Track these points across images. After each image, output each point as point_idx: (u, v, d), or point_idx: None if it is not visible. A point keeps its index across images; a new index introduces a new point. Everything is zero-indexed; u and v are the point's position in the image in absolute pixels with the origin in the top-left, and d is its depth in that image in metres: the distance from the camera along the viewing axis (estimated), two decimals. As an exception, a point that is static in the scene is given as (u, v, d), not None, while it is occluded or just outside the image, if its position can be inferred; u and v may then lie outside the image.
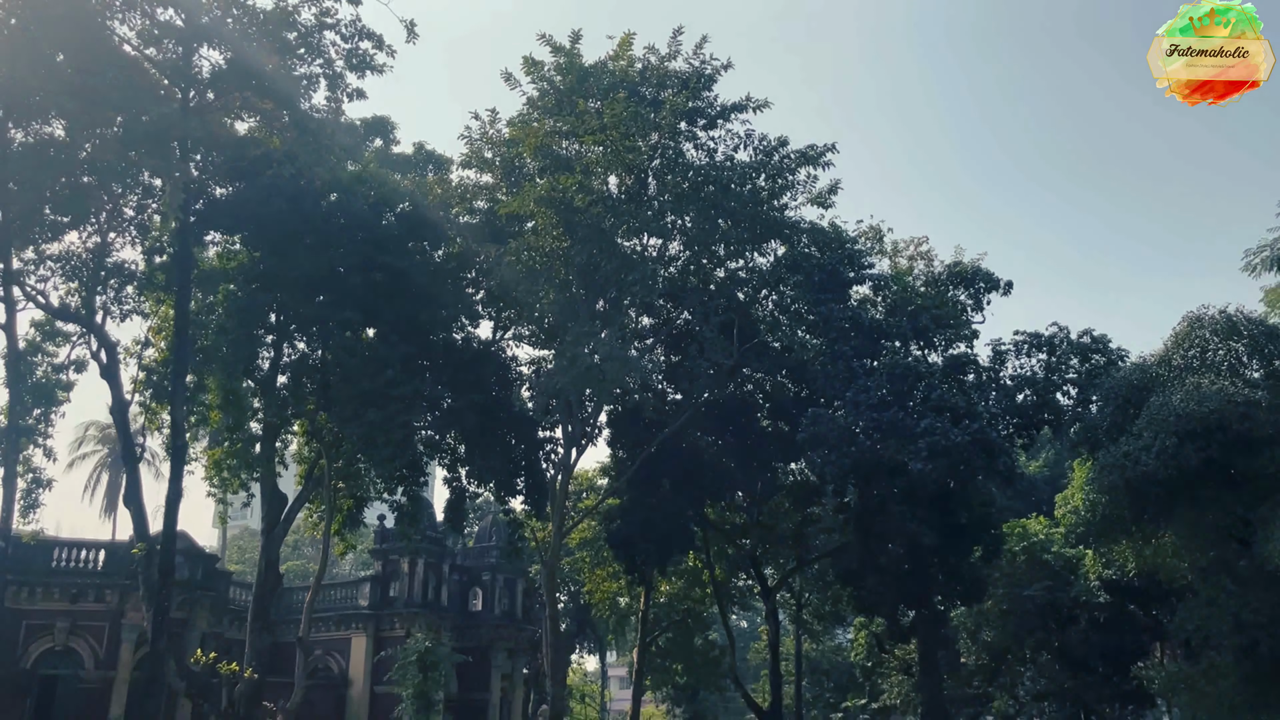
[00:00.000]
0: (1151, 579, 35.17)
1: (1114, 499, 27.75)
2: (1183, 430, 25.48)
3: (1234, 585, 26.61)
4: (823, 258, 31.09)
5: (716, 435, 35.01)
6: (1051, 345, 31.68)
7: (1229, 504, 26.63)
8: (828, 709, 58.09)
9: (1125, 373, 29.49)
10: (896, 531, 30.56)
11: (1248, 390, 26.34)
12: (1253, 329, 28.07)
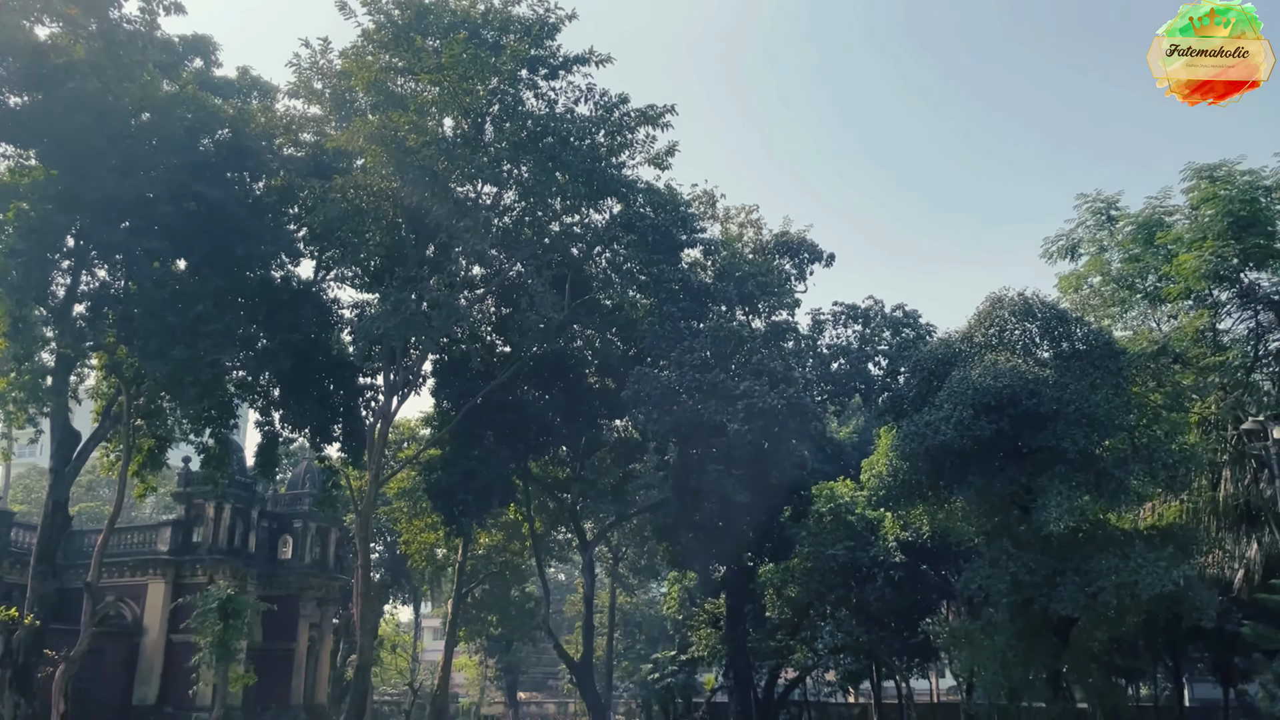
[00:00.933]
0: (943, 541, 37.57)
1: (914, 465, 29.35)
2: (978, 403, 27.16)
3: (1014, 548, 28.69)
4: (657, 219, 31.35)
5: (544, 390, 34.98)
6: (867, 318, 33.12)
7: (1014, 474, 28.65)
8: (638, 660, 59.61)
9: (932, 347, 31.13)
10: (713, 489, 31.46)
11: (1038, 369, 28.29)
12: (1045, 312, 30.11)
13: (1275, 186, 29.62)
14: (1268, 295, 30.24)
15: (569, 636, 57.02)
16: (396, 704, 65.22)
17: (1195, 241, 29.56)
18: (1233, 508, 32.65)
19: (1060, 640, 30.44)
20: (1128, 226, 32.30)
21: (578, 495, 37.77)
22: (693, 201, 33.27)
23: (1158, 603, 28.33)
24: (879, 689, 56.78)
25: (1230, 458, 31.94)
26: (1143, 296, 32.65)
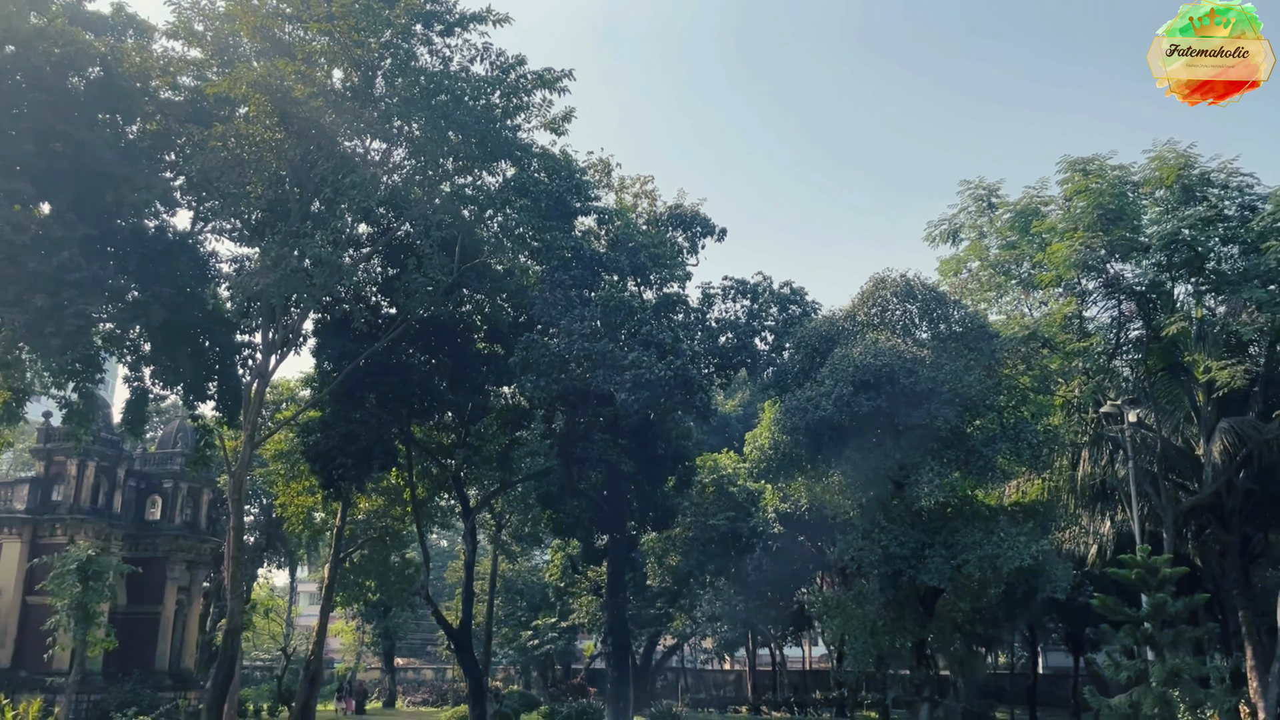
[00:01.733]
0: (820, 513, 38.64)
1: (795, 439, 30.01)
2: (859, 380, 27.90)
3: (886, 521, 29.70)
4: (551, 184, 31.03)
5: (430, 354, 34.39)
6: (755, 293, 33.50)
7: (890, 450, 29.57)
8: (519, 627, 59.65)
9: (816, 324, 31.78)
10: (598, 458, 31.53)
11: (916, 349, 29.19)
12: (926, 294, 31.07)
13: (1143, 182, 31.04)
14: (1131, 286, 31.76)
15: (449, 603, 56.63)
16: (269, 669, 63.83)
17: (1067, 232, 30.79)
18: (1090, 487, 34.44)
19: (926, 610, 31.70)
20: (1006, 214, 33.45)
21: (462, 461, 37.33)
22: (588, 169, 33.02)
23: (1017, 575, 29.74)
24: (754, 656, 58.34)
25: (1090, 439, 33.62)
26: (1017, 282, 33.90)
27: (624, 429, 32.67)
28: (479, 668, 37.12)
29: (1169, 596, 17.43)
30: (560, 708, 42.65)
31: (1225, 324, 29.95)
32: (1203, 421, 31.90)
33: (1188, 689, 17.32)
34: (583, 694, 51.85)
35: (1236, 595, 33.18)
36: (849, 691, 48.62)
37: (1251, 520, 33.94)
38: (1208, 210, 30.01)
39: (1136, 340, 33.48)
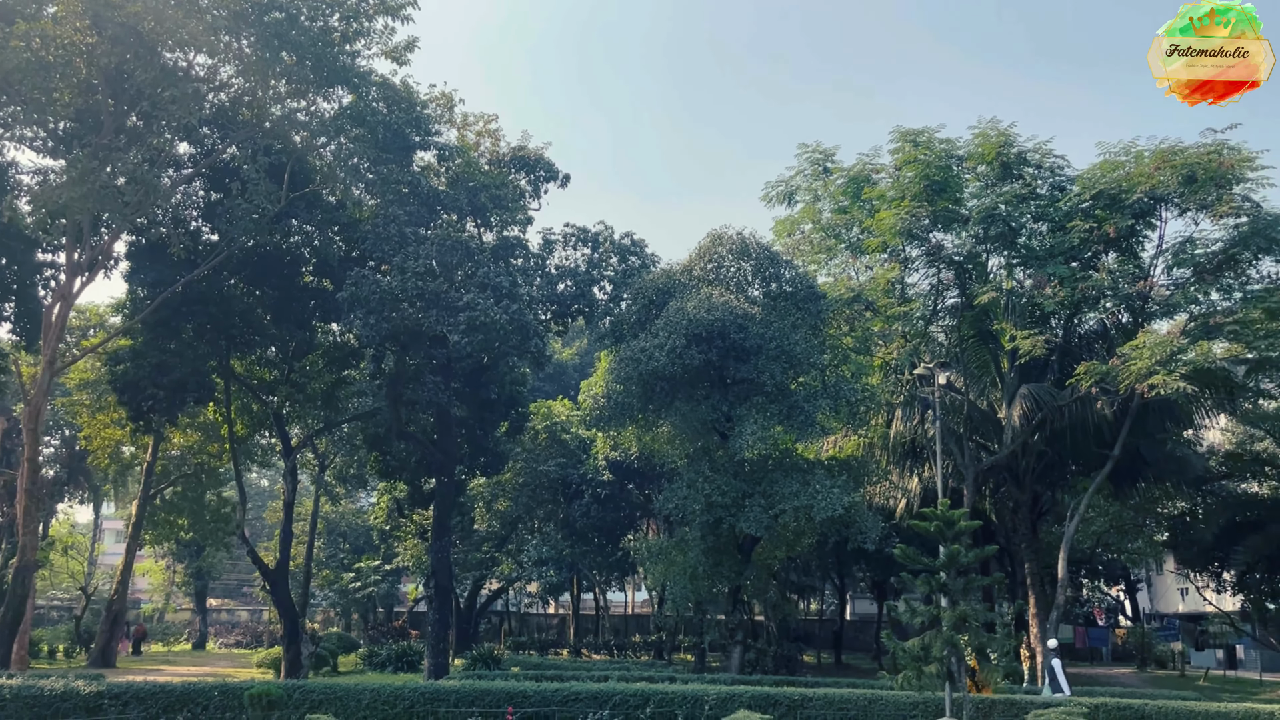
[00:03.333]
0: (649, 462, 39.37)
1: (628, 389, 30.37)
2: (691, 334, 28.42)
3: (711, 471, 30.53)
4: (390, 115, 29.93)
5: (254, 285, 32.81)
6: (596, 242, 33.48)
7: (718, 402, 30.33)
8: (341, 569, 58.49)
9: (654, 276, 32.09)
10: (429, 401, 31.01)
11: (748, 305, 29.93)
12: (760, 253, 31.81)
13: (967, 157, 32.60)
14: (950, 256, 33.45)
15: (268, 543, 54.85)
16: (68, 609, 60.44)
17: (896, 200, 32.10)
18: (901, 444, 36.35)
19: (744, 558, 32.89)
20: (840, 179, 34.55)
21: (285, 398, 35.95)
22: (430, 103, 31.96)
23: (830, 526, 31.25)
24: (578, 601, 59.16)
25: (904, 400, 35.43)
26: (846, 246, 35.17)
27: (457, 372, 32.21)
28: (295, 609, 36.21)
29: (963, 548, 18.60)
30: (380, 650, 42.21)
31: (1031, 296, 31.98)
32: (1006, 387, 34.10)
33: (974, 633, 18.59)
34: (404, 636, 51.45)
35: (1025, 548, 35.90)
36: (667, 635, 50.07)
37: (1042, 480, 36.69)
38: (1023, 188, 31.85)
39: (952, 307, 35.38)
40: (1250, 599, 37.35)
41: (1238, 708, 21.10)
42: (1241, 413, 34.51)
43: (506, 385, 36.18)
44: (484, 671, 29.83)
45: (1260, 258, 30.35)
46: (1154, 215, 31.43)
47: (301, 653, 33.52)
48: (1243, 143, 30.01)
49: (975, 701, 20.58)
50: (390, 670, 38.50)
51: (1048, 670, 26.04)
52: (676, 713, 20.28)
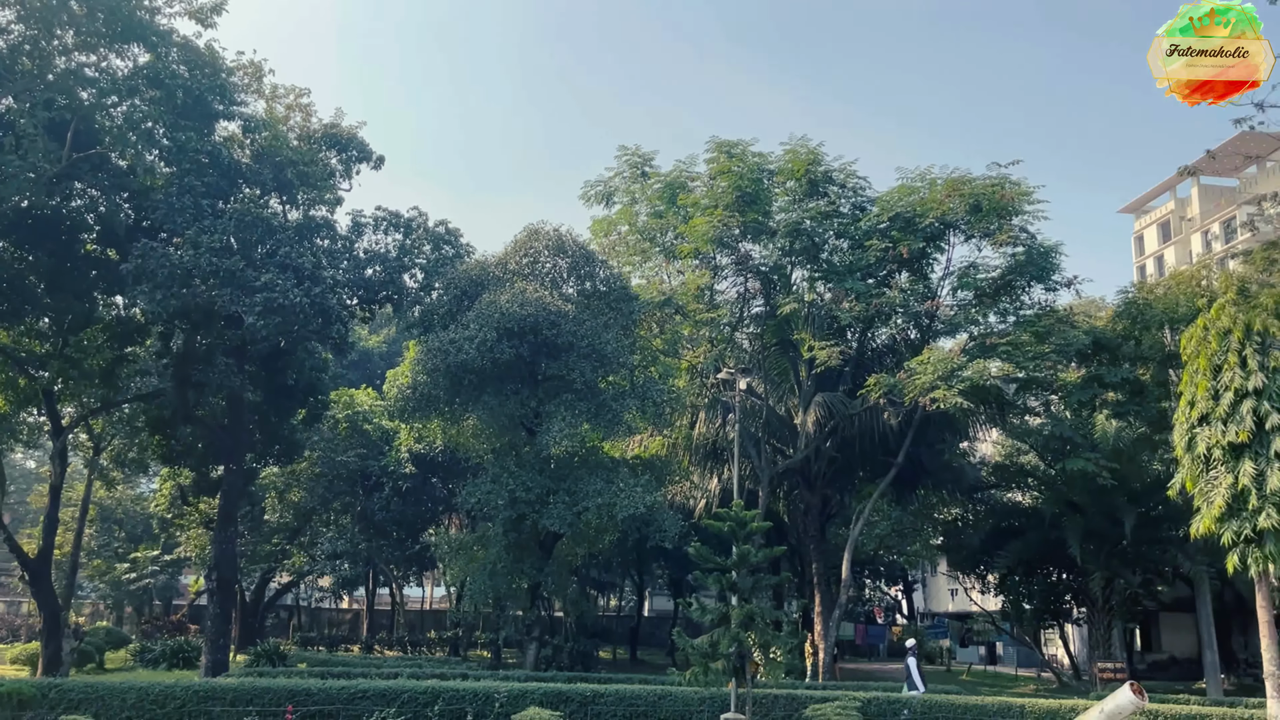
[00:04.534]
0: (454, 456, 38.80)
1: (435, 380, 29.80)
2: (503, 327, 28.18)
3: (516, 467, 30.38)
4: (191, 79, 28.10)
5: (27, 249, 30.13)
6: (409, 228, 32.65)
7: (527, 398, 30.23)
8: (115, 559, 54.67)
9: (467, 267, 31.63)
10: (220, 384, 29.44)
11: (562, 303, 29.95)
12: (576, 251, 31.93)
13: (777, 171, 33.80)
14: (757, 266, 34.62)
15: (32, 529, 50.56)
16: None
17: (709, 208, 32.92)
18: (703, 446, 37.33)
19: (545, 554, 32.90)
20: (657, 184, 35.13)
21: (57, 374, 33.14)
22: (236, 70, 30.24)
23: (631, 524, 31.68)
24: (373, 595, 57.66)
25: (708, 403, 36.40)
26: (660, 250, 35.81)
27: (252, 355, 30.74)
28: (57, 602, 33.52)
29: (753, 548, 19.30)
30: (154, 645, 39.69)
31: (830, 309, 33.50)
32: (803, 394, 35.57)
33: (760, 630, 19.31)
34: (182, 631, 48.65)
35: (813, 549, 37.56)
36: (464, 631, 49.48)
37: (832, 484, 38.52)
38: (827, 206, 33.33)
39: (757, 316, 36.63)
40: (1010, 600, 40.41)
41: (993, 701, 22.79)
42: (1010, 427, 37.30)
43: (306, 371, 34.77)
44: (267, 668, 28.56)
45: (1032, 285, 32.93)
46: (943, 239, 33.57)
47: (63, 648, 31.08)
48: (1023, 178, 32.53)
49: (758, 696, 21.36)
50: (164, 667, 36.25)
51: (905, 668, 27.30)
52: (466, 710, 20.06)
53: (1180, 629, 46.06)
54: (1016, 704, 22.36)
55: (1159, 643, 48.88)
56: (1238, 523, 19.51)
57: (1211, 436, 20.03)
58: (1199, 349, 20.91)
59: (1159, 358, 32.42)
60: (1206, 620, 35.37)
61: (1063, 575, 38.81)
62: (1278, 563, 19.96)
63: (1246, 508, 19.41)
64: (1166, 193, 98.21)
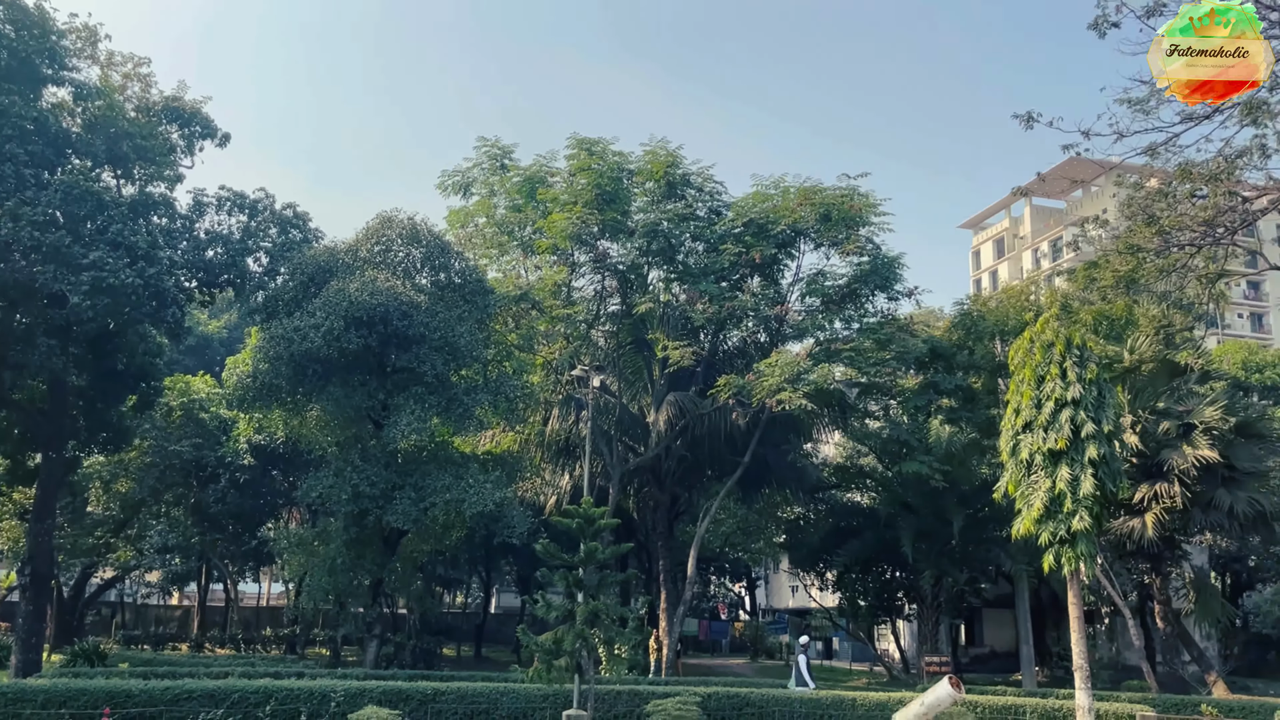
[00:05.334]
0: (296, 448, 37.47)
1: (277, 369, 28.74)
2: (352, 316, 27.39)
3: (361, 460, 29.59)
4: (17, 39, 26.22)
5: None
6: (254, 209, 31.32)
7: (374, 389, 29.50)
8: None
9: (315, 253, 30.61)
10: (41, 366, 27.48)
11: (415, 293, 29.36)
12: (431, 241, 31.34)
13: (637, 171, 34.06)
14: (615, 265, 34.79)
15: None
16: None
17: (568, 204, 32.89)
18: (555, 442, 37.29)
19: (389, 550, 32.19)
20: (516, 178, 34.86)
21: None
22: (69, 33, 28.33)
23: (479, 520, 31.31)
24: (206, 592, 55.15)
25: (562, 399, 36.37)
26: (518, 244, 35.56)
27: (77, 336, 28.78)
28: None
29: (601, 544, 19.36)
30: (-43, 646, 36.79)
31: (684, 310, 33.98)
32: (656, 393, 35.98)
33: (605, 627, 19.41)
34: (-10, 630, 45.27)
35: (661, 546, 38.06)
36: (302, 629, 47.90)
37: (681, 482, 39.12)
38: (684, 208, 33.80)
39: (613, 314, 36.84)
40: (846, 596, 41.97)
41: (827, 694, 23.59)
42: (851, 430, 38.72)
43: (138, 355, 32.84)
44: (84, 669, 26.84)
45: (876, 294, 34.25)
46: (794, 246, 34.54)
47: None
48: (871, 190, 33.79)
49: (601, 693, 21.46)
50: (-32, 669, 33.67)
51: (794, 665, 27.75)
52: (301, 710, 19.39)
53: (1001, 624, 48.81)
54: (849, 697, 23.21)
55: (982, 637, 51.70)
56: (1054, 524, 20.74)
57: (1033, 443, 21.22)
58: (1025, 360, 22.13)
59: (990, 367, 34.24)
60: (1024, 616, 37.61)
61: (896, 573, 40.52)
62: (1088, 562, 21.39)
63: (1062, 510, 20.66)
64: (1002, 211, 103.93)
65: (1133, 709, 22.14)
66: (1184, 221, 20.33)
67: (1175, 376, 33.05)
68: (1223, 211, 20.00)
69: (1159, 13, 17.46)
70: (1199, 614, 35.34)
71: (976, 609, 48.82)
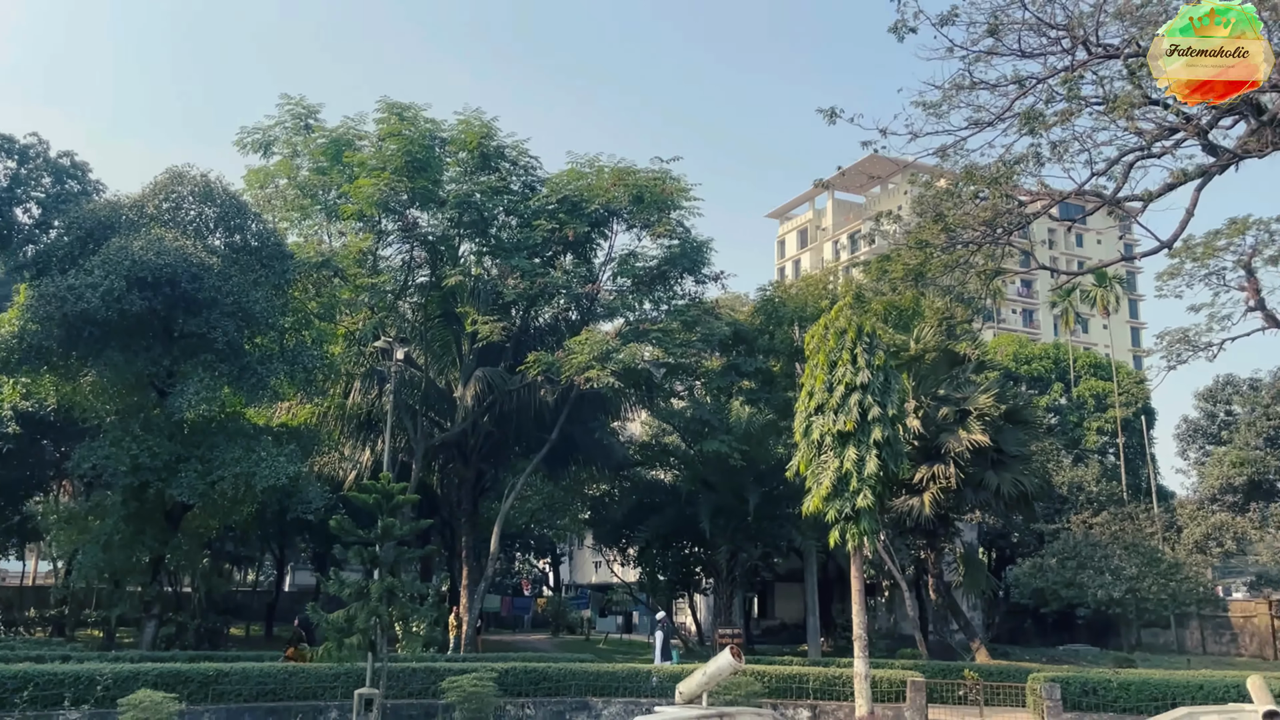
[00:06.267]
0: (70, 416, 34.72)
1: (48, 330, 26.50)
2: (134, 277, 25.56)
3: (142, 430, 27.73)
4: None
5: None
6: (25, 156, 28.68)
7: (159, 355, 27.68)
8: None
9: (96, 206, 28.38)
10: None
11: (206, 254, 27.66)
12: (226, 200, 29.59)
13: (450, 140, 33.33)
14: (425, 235, 33.98)
15: None
16: None
17: (376, 170, 31.83)
18: (357, 416, 36.19)
19: (172, 525, 30.41)
20: (321, 139, 33.45)
21: None
22: None
23: (272, 495, 30.00)
24: (-40, 571, 50.45)
25: (365, 371, 35.29)
26: (322, 209, 34.16)
27: None
28: None
29: (399, 520, 18.95)
30: None
31: (496, 285, 33.61)
32: (464, 368, 35.46)
33: (401, 604, 19.02)
34: None
35: (464, 522, 37.66)
36: (72, 609, 44.57)
37: (488, 458, 38.79)
38: (498, 181, 33.39)
39: (422, 285, 36.01)
40: (646, 571, 42.87)
41: (623, 667, 24.06)
42: (657, 409, 39.46)
43: None
44: None
45: (685, 277, 34.97)
46: (607, 226, 34.76)
47: None
48: (683, 175, 34.42)
49: (396, 670, 21.07)
50: None
51: (654, 641, 27.88)
52: (64, 695, 18.10)
53: (791, 598, 51.17)
54: (644, 669, 23.75)
55: (773, 610, 54.04)
56: (840, 502, 21.87)
57: (824, 425, 22.28)
58: (819, 345, 23.17)
59: (788, 351, 35.63)
60: (812, 590, 39.55)
61: (694, 549, 41.71)
62: (871, 538, 22.70)
63: (848, 489, 21.82)
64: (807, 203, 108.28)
65: (905, 675, 23.67)
66: (967, 221, 21.64)
67: (955, 365, 35.48)
68: (1001, 213, 21.44)
69: (951, 21, 18.62)
70: (967, 586, 38.24)
71: (769, 583, 50.99)
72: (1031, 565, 43.26)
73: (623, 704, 22.52)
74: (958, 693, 24.17)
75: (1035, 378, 62.79)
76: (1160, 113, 19.23)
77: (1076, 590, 40.40)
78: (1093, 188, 20.67)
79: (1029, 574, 43.02)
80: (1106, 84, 19.38)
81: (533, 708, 22.48)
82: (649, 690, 22.90)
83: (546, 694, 22.83)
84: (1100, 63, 19.07)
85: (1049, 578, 41.34)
